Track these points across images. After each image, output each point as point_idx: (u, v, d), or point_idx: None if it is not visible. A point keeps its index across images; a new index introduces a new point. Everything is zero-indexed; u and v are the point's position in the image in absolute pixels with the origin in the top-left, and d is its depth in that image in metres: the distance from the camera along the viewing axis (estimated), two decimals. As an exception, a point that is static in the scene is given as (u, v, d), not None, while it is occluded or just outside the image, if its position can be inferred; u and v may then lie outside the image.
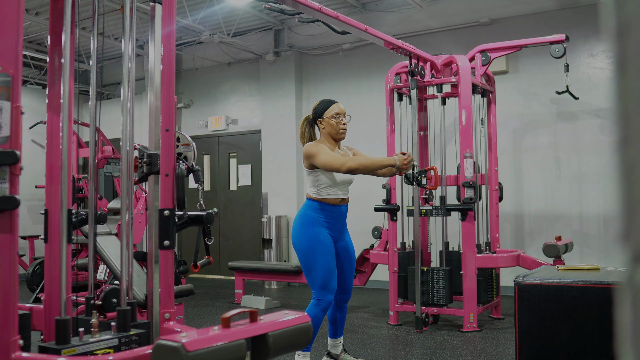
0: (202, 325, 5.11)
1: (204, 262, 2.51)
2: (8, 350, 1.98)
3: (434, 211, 5.02)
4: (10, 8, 2.02)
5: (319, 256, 3.44)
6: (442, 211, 5.01)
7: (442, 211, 5.01)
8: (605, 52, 6.36)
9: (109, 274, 4.67)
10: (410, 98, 5.14)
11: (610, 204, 6.17)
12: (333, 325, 3.76)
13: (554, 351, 1.84)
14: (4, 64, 2.00)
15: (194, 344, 1.83)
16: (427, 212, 5.04)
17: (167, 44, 2.45)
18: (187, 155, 2.47)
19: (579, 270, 2.01)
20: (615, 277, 1.83)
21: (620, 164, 0.45)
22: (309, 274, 3.48)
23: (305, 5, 3.70)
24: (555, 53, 5.17)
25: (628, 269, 0.45)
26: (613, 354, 1.64)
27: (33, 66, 9.29)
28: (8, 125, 2.00)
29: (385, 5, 7.23)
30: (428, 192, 5.16)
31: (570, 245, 5.51)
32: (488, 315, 5.44)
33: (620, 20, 0.46)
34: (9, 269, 2.00)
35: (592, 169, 6.36)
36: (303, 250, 3.47)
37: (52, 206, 2.50)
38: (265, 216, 8.00)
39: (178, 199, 2.41)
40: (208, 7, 7.20)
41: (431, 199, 5.16)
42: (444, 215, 5.08)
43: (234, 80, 8.85)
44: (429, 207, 5.04)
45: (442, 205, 5.07)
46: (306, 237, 3.46)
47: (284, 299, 6.77)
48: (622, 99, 0.46)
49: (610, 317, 1.73)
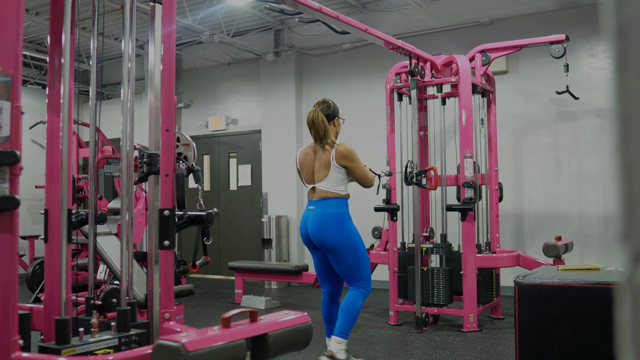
0: (202, 325, 5.11)
1: (202, 262, 2.51)
2: (8, 350, 1.98)
3: (435, 249, 5.01)
4: (10, 8, 2.02)
5: (363, 249, 3.65)
6: (443, 250, 5.00)
7: (443, 250, 5.00)
8: (605, 52, 6.36)
9: (109, 274, 4.67)
10: (410, 98, 5.14)
11: (610, 204, 6.17)
12: (331, 323, 3.81)
13: (554, 351, 1.84)
14: (4, 64, 2.00)
15: (194, 344, 1.83)
16: (428, 250, 5.04)
17: (167, 44, 2.45)
18: (187, 155, 2.47)
19: (579, 270, 2.01)
20: (615, 277, 1.83)
21: (620, 164, 0.45)
22: (357, 268, 3.61)
23: (305, 5, 3.71)
24: (555, 53, 5.17)
25: (628, 269, 0.45)
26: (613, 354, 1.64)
27: (33, 66, 9.28)
28: (8, 125, 2.00)
29: (385, 5, 7.22)
30: (428, 230, 5.19)
31: (570, 245, 5.51)
32: (488, 315, 5.44)
33: (620, 20, 0.46)
34: (9, 269, 2.00)
35: (592, 169, 6.36)
36: (352, 246, 3.57)
37: (52, 206, 2.50)
38: (265, 216, 8.00)
39: (178, 199, 2.41)
40: (208, 7, 7.20)
41: (432, 236, 5.20)
42: (445, 254, 5.05)
43: (234, 80, 8.85)
44: (429, 245, 5.04)
45: (442, 243, 5.09)
46: (352, 232, 3.59)
47: (284, 299, 6.77)
48: (622, 99, 0.46)
49: (610, 317, 1.73)
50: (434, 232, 5.38)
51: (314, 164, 3.66)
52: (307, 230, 3.64)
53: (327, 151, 3.60)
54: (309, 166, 3.69)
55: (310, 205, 3.66)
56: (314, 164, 3.66)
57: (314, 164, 3.67)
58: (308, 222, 3.62)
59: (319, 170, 3.63)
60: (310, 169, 3.67)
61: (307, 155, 3.72)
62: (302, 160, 3.74)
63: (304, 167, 3.71)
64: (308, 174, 3.68)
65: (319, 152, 3.65)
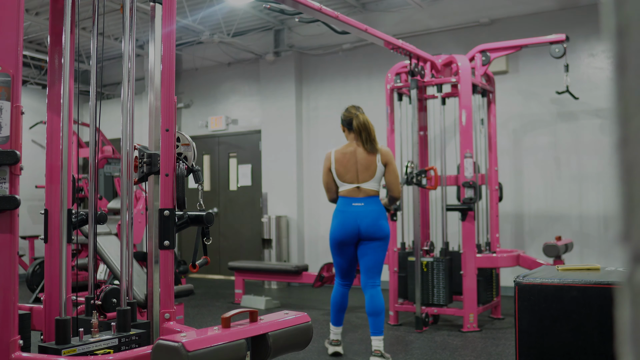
0: (202, 325, 5.11)
1: (202, 262, 2.51)
2: (8, 350, 1.98)
3: (435, 262, 5.00)
4: (10, 8, 2.02)
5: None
6: (443, 263, 4.98)
7: (443, 263, 4.98)
8: (605, 52, 6.36)
9: (109, 274, 4.67)
10: (410, 98, 5.14)
11: (610, 204, 6.17)
12: (343, 313, 4.20)
13: (554, 351, 1.84)
14: (4, 64, 2.00)
15: (194, 344, 1.83)
16: (428, 265, 5.02)
17: (167, 44, 2.45)
18: (187, 155, 2.47)
19: (579, 270, 2.01)
20: (615, 277, 1.83)
21: (620, 164, 0.45)
22: (383, 260, 4.04)
23: (305, 5, 3.71)
24: (555, 53, 5.17)
25: (628, 269, 0.45)
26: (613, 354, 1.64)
27: (33, 66, 9.29)
28: (8, 125, 2.00)
29: (385, 5, 7.22)
30: (429, 244, 5.18)
31: (570, 245, 5.51)
32: (488, 315, 5.44)
33: (620, 20, 0.46)
34: (9, 269, 2.00)
35: (592, 169, 6.36)
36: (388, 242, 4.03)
37: (52, 206, 2.50)
38: (265, 216, 8.00)
39: (178, 199, 2.40)
40: (208, 7, 7.20)
41: (432, 250, 5.19)
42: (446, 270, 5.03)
43: (234, 80, 8.85)
44: (429, 259, 5.03)
45: (442, 257, 5.07)
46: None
47: (284, 299, 6.77)
48: (622, 99, 0.46)
49: (610, 317, 1.73)
50: (434, 245, 5.35)
51: (357, 165, 3.98)
52: (357, 225, 3.91)
53: (373, 154, 3.97)
54: (351, 166, 3.98)
55: (356, 202, 3.94)
56: (357, 165, 3.98)
57: (356, 165, 3.97)
58: (359, 217, 3.91)
59: (364, 171, 3.96)
60: (352, 169, 3.97)
61: (346, 156, 4.01)
62: (341, 160, 4.01)
63: (345, 167, 3.99)
64: (350, 173, 3.97)
65: (363, 153, 3.97)
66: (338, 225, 3.95)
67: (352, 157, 3.98)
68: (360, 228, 3.90)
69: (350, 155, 3.99)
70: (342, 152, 4.02)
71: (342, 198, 3.99)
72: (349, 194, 3.96)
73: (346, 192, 3.97)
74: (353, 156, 3.98)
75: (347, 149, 4.01)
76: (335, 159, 4.02)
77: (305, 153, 8.13)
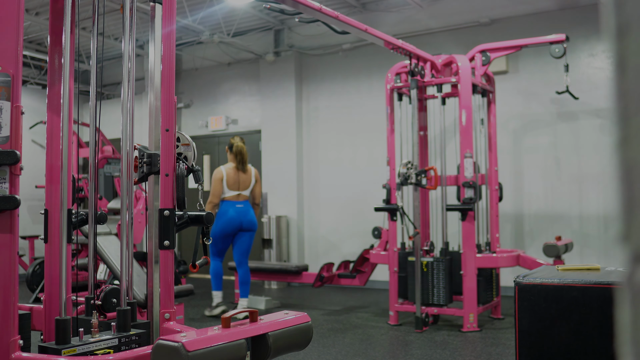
0: (202, 325, 5.11)
1: (202, 262, 2.51)
2: (8, 350, 1.98)
3: (435, 263, 4.99)
4: (10, 8, 2.02)
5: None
6: (443, 263, 4.98)
7: (443, 263, 4.98)
8: (605, 52, 6.36)
9: (109, 274, 4.67)
10: (410, 98, 5.14)
11: (610, 204, 6.17)
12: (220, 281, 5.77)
13: (554, 351, 1.84)
14: (4, 64, 2.00)
15: (194, 344, 1.83)
16: (428, 265, 5.01)
17: (167, 44, 2.45)
18: (187, 155, 2.47)
19: (579, 270, 2.01)
20: (615, 277, 1.83)
21: (620, 164, 0.45)
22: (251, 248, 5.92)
23: (305, 5, 3.71)
24: (555, 53, 5.17)
25: (628, 269, 0.45)
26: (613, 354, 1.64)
27: (33, 66, 9.28)
28: (8, 125, 2.00)
29: (385, 5, 7.22)
30: (429, 244, 5.17)
31: (570, 245, 5.51)
32: (488, 315, 5.44)
33: (620, 20, 0.46)
34: (9, 269, 2.00)
35: (592, 169, 6.36)
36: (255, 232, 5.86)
37: (52, 206, 2.50)
38: (265, 216, 8.00)
39: (178, 199, 2.41)
40: (208, 7, 7.20)
41: (432, 250, 5.18)
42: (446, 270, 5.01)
43: (234, 80, 8.85)
44: (429, 259, 5.02)
45: (442, 257, 5.06)
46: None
47: (284, 299, 6.77)
48: (622, 99, 0.46)
49: (610, 317, 1.73)
50: (434, 245, 5.34)
51: (239, 179, 5.56)
52: (241, 219, 5.55)
53: (249, 171, 5.64)
54: (235, 180, 5.54)
55: (239, 204, 5.56)
56: (239, 179, 5.56)
57: (239, 179, 5.56)
58: (242, 214, 5.55)
59: (243, 183, 5.58)
60: (236, 182, 5.54)
61: (232, 171, 5.56)
62: (231, 175, 5.54)
63: (233, 180, 5.53)
64: (235, 184, 5.54)
65: (240, 172, 5.58)
66: (227, 220, 5.50)
67: (236, 174, 5.55)
68: (244, 221, 5.55)
69: (234, 172, 5.55)
70: (228, 168, 5.58)
71: (227, 201, 5.52)
72: (233, 198, 5.53)
73: (230, 197, 5.52)
74: (236, 172, 5.56)
75: (231, 167, 5.58)
76: (227, 174, 5.53)
77: (305, 153, 8.13)
